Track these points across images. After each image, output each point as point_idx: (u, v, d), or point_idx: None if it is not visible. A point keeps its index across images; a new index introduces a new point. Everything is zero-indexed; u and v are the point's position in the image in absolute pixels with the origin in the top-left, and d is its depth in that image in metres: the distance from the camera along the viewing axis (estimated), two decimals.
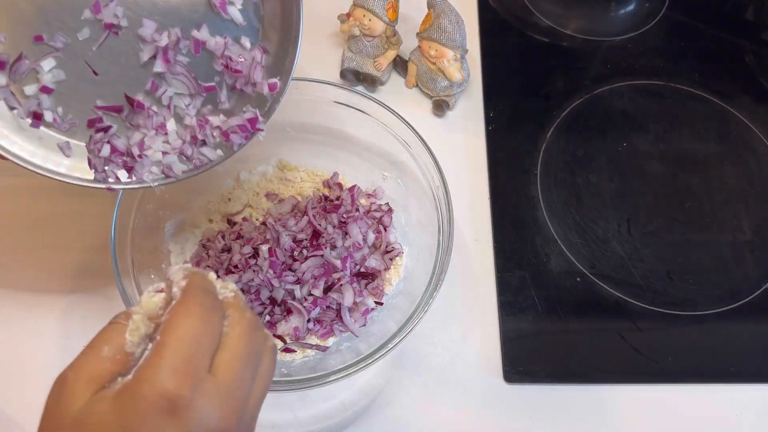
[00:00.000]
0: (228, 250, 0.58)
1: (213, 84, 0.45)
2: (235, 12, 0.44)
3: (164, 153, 0.44)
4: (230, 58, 0.44)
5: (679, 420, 0.56)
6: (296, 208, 0.61)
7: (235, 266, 0.56)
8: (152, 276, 0.54)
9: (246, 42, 0.45)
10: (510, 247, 0.63)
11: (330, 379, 0.47)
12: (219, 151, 0.46)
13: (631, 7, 0.85)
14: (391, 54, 0.71)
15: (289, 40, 0.45)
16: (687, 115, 0.74)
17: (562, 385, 0.57)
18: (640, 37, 0.81)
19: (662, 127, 0.73)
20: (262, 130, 0.45)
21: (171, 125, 0.44)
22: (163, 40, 0.43)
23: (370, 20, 0.67)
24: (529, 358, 0.57)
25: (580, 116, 0.73)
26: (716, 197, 0.68)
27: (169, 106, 0.44)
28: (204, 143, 0.45)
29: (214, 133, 0.45)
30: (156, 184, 0.45)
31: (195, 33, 0.44)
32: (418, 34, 0.69)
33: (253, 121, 0.45)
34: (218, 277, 0.37)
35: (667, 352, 0.59)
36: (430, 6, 0.67)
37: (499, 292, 0.60)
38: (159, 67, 0.43)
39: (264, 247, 0.56)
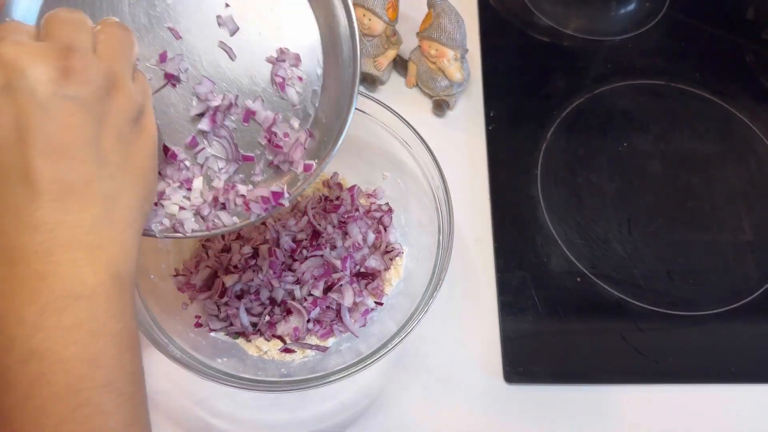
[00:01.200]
0: (228, 250, 0.58)
1: (252, 155, 0.45)
2: (292, 93, 0.45)
3: (181, 208, 0.44)
4: (275, 134, 0.45)
5: (679, 420, 0.56)
6: (296, 208, 0.61)
7: (235, 266, 0.56)
8: (152, 276, 0.54)
9: (295, 122, 0.46)
10: (510, 247, 0.63)
11: (330, 380, 0.47)
12: (235, 218, 0.45)
13: (631, 7, 0.84)
14: (391, 54, 0.71)
15: (335, 130, 0.45)
16: (688, 114, 0.74)
17: (562, 386, 0.56)
18: (640, 36, 0.81)
19: (663, 127, 0.73)
20: (284, 206, 0.45)
21: (198, 183, 0.44)
22: (216, 101, 0.43)
23: (370, 20, 0.67)
24: (529, 358, 0.57)
25: (580, 116, 0.73)
26: (717, 197, 0.68)
27: (202, 165, 0.44)
28: (224, 207, 0.45)
29: (237, 201, 0.45)
30: (162, 235, 0.44)
31: (248, 102, 0.44)
32: (418, 33, 0.69)
33: (277, 195, 0.44)
34: None
35: (667, 352, 0.58)
36: (430, 5, 0.67)
37: (499, 292, 0.60)
38: (204, 125, 0.44)
39: (264, 247, 0.56)
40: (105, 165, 0.31)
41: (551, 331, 0.59)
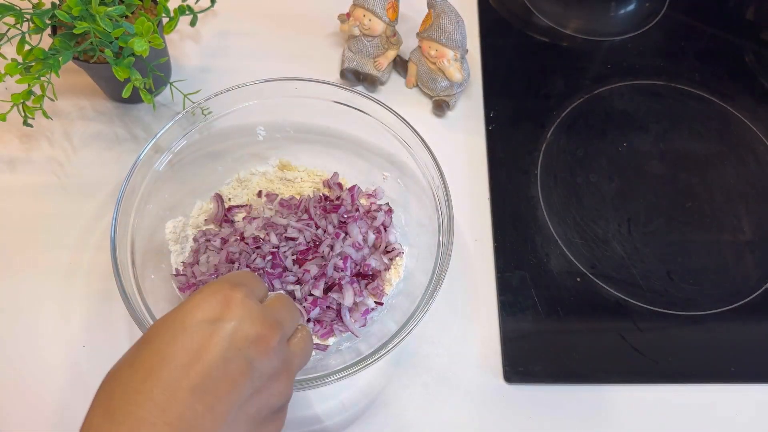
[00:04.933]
0: (226, 241, 0.58)
1: None
2: None
3: None
4: None
5: (679, 420, 0.56)
6: (298, 207, 0.61)
7: (232, 261, 0.56)
8: (152, 276, 0.54)
9: None
10: (510, 247, 0.63)
11: (330, 380, 0.47)
12: None
13: (631, 7, 0.84)
14: (391, 54, 0.71)
15: None
16: (687, 115, 0.74)
17: (562, 386, 0.56)
18: (640, 37, 0.81)
19: (662, 127, 0.73)
20: None
21: None
22: None
23: (370, 20, 0.67)
24: (529, 358, 0.57)
25: (580, 116, 0.73)
26: (716, 197, 0.68)
27: None
28: None
29: None
30: None
31: None
32: (418, 33, 0.69)
33: None
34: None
35: (667, 352, 0.59)
36: (430, 6, 0.67)
37: (499, 292, 0.60)
38: None
39: (266, 247, 0.56)
40: (231, 428, 0.33)
41: (551, 330, 0.59)
